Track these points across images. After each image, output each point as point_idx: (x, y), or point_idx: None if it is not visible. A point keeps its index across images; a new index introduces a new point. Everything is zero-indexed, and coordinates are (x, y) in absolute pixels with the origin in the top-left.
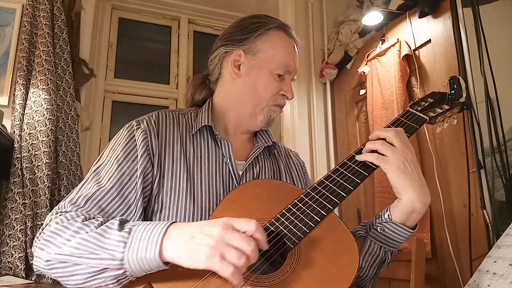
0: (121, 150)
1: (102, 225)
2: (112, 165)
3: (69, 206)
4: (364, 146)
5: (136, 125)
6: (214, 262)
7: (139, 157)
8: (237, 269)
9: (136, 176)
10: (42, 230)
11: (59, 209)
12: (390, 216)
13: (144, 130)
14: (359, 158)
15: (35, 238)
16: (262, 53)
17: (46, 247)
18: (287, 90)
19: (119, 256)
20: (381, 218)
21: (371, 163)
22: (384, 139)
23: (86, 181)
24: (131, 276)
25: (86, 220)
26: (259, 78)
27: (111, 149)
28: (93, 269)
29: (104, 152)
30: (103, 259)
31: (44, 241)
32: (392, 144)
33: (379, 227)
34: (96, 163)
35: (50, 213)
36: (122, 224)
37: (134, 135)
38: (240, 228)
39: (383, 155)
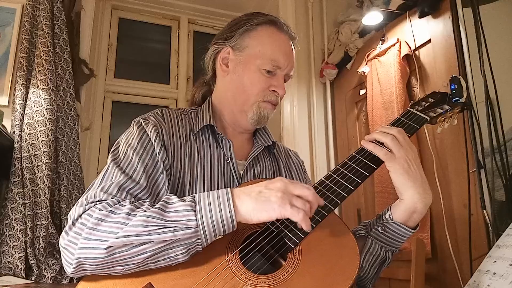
0: (137, 143)
1: (155, 204)
2: (132, 158)
3: (103, 195)
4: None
5: (144, 121)
6: (286, 210)
7: (156, 150)
8: (305, 213)
9: (159, 168)
10: (73, 223)
11: (89, 199)
12: (391, 216)
13: (154, 125)
14: (366, 146)
15: (64, 233)
16: (249, 48)
17: (98, 236)
18: (278, 86)
19: (192, 224)
20: (382, 218)
21: (373, 162)
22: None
23: (106, 171)
24: (200, 245)
25: (134, 204)
26: (245, 74)
27: (125, 143)
28: (163, 244)
29: (119, 147)
30: (176, 230)
31: (91, 230)
32: None
33: (380, 227)
34: (112, 155)
35: (77, 204)
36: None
37: (145, 130)
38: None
39: (389, 150)
